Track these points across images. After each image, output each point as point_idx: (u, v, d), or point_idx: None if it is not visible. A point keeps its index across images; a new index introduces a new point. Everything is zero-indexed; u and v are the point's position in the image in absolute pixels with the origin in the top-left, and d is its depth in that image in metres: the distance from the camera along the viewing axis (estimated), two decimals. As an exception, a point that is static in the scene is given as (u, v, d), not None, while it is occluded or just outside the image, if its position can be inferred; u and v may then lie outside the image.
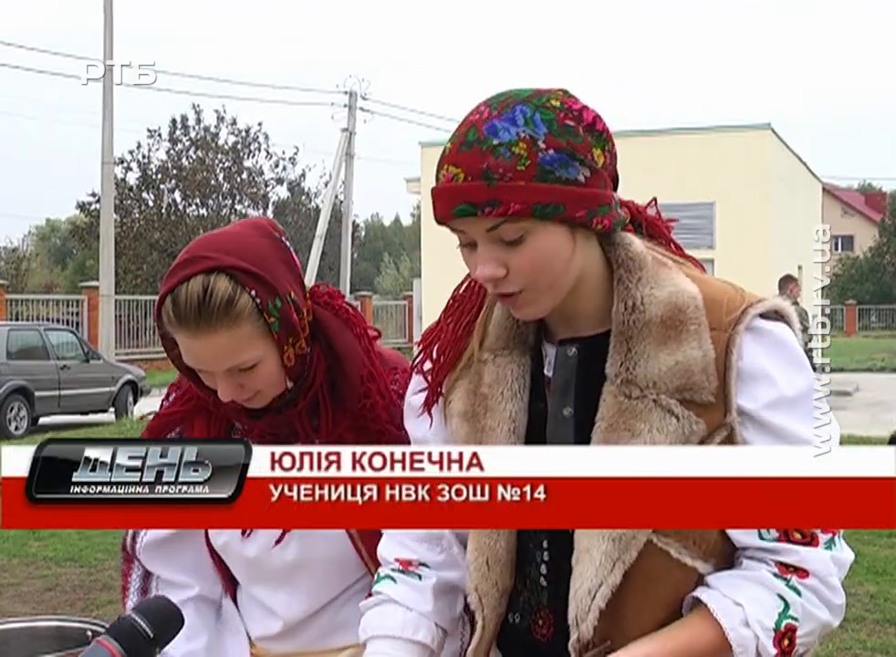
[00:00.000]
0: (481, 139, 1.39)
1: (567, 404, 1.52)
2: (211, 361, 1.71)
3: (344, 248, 31.01)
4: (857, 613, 5.68)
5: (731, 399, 1.44)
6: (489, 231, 1.41)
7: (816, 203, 25.71)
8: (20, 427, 15.91)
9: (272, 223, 1.82)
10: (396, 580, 1.65)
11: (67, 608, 6.07)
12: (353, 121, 29.42)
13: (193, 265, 1.69)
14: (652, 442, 1.43)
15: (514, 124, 1.40)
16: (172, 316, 1.69)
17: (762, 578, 1.45)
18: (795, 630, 1.43)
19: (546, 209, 1.39)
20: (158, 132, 38.14)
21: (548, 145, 1.39)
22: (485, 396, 1.56)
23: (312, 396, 1.81)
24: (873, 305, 47.96)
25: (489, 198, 1.38)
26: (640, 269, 1.49)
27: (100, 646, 1.27)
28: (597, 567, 1.45)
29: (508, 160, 1.38)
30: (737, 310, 1.47)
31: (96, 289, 23.82)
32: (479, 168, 1.38)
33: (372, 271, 60.09)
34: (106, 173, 22.87)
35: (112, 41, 21.60)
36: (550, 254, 1.42)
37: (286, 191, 41.14)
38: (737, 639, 1.42)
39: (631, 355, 1.46)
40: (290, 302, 1.72)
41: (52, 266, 56.09)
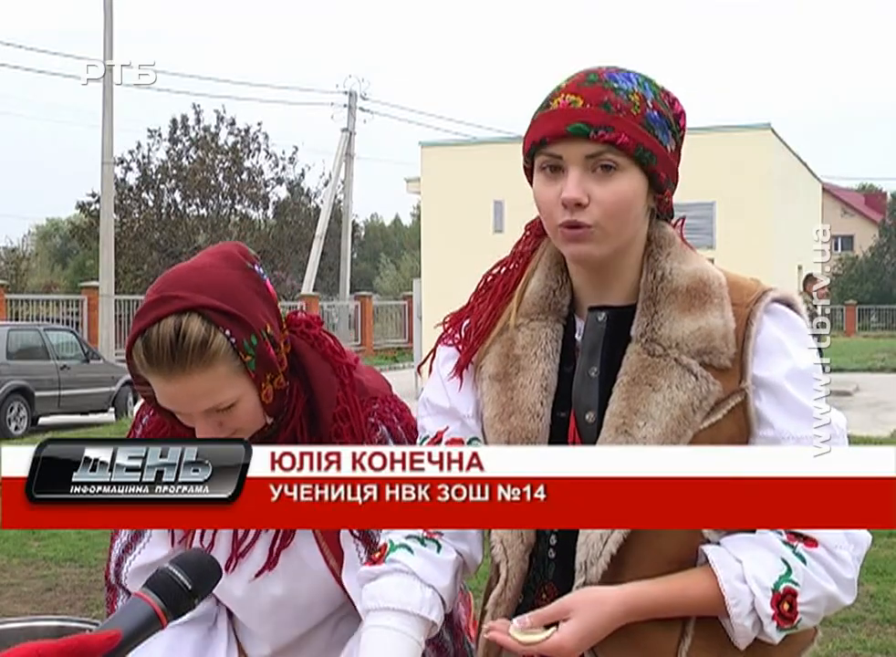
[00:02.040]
0: (602, 79, 1.55)
1: (594, 365, 1.60)
2: (186, 403, 1.66)
3: (344, 248, 31.04)
4: (857, 613, 5.67)
5: (747, 367, 1.53)
6: (588, 157, 1.52)
7: (816, 203, 25.71)
8: (20, 427, 15.91)
9: (242, 250, 1.75)
10: (413, 551, 1.62)
11: (67, 608, 6.06)
12: (353, 121, 29.45)
13: (164, 306, 1.63)
14: (671, 397, 1.52)
15: (629, 81, 1.56)
16: (144, 359, 1.64)
17: (768, 541, 1.50)
18: (795, 595, 1.47)
19: (646, 153, 1.53)
20: (158, 132, 38.13)
21: (654, 107, 1.56)
22: (518, 357, 1.64)
23: (291, 430, 1.77)
24: (873, 305, 47.93)
25: (605, 123, 1.51)
26: (669, 246, 1.61)
27: (140, 599, 1.25)
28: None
29: (626, 100, 1.53)
30: (757, 292, 1.58)
31: (96, 289, 23.82)
32: (600, 98, 1.52)
33: (372, 271, 60.06)
34: (106, 173, 22.88)
35: (112, 41, 21.62)
36: (629, 198, 1.54)
37: (286, 191, 41.10)
38: (731, 591, 1.47)
39: (658, 317, 1.57)
40: (266, 338, 1.68)
41: (52, 266, 56.06)
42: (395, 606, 1.58)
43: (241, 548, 1.83)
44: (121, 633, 1.19)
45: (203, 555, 1.37)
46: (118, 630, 1.19)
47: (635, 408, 1.53)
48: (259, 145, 39.47)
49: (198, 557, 1.34)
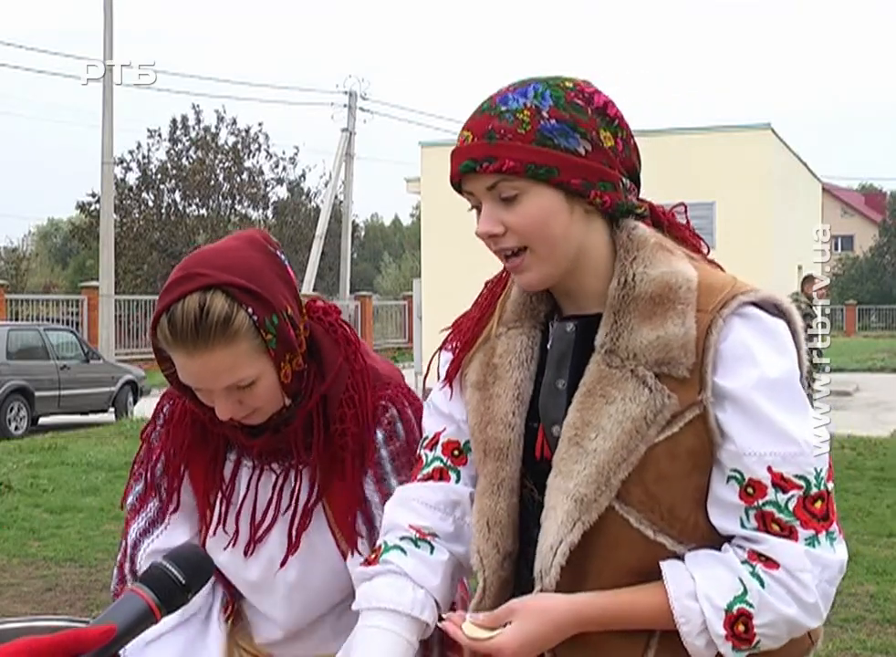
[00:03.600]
0: (492, 106, 1.53)
1: (562, 377, 1.57)
2: (208, 380, 1.68)
3: (344, 248, 31.02)
4: (857, 613, 5.68)
5: (706, 378, 1.47)
6: (489, 189, 1.52)
7: (816, 203, 25.69)
8: (20, 427, 15.91)
9: (266, 236, 1.79)
10: (406, 551, 1.64)
11: (67, 608, 6.06)
12: (353, 121, 29.44)
13: (189, 283, 1.65)
14: (624, 410, 1.48)
15: (524, 96, 1.52)
16: (168, 334, 1.66)
17: (728, 559, 1.47)
18: (750, 616, 1.44)
19: (540, 170, 1.49)
20: (158, 132, 38.17)
21: (551, 115, 1.50)
22: (496, 366, 1.63)
23: (307, 413, 1.79)
24: (873, 305, 47.92)
25: (487, 154, 1.50)
26: (637, 249, 1.54)
27: (134, 594, 1.25)
28: (559, 524, 1.49)
29: (511, 123, 1.50)
30: (724, 296, 1.49)
31: (96, 289, 23.82)
32: (484, 129, 1.51)
33: (372, 271, 60.05)
34: (106, 173, 22.88)
35: (112, 41, 21.62)
36: (544, 215, 1.51)
37: (286, 191, 41.14)
38: (681, 609, 1.44)
39: (616, 327, 1.51)
40: (287, 318, 1.70)
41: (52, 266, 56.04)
42: (386, 606, 1.59)
43: (259, 533, 1.86)
44: (116, 627, 1.20)
45: (196, 550, 1.38)
46: (112, 625, 1.20)
47: (587, 420, 1.50)
48: (259, 145, 39.50)
49: (191, 553, 1.35)
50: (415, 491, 1.69)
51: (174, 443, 1.90)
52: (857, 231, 58.29)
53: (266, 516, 1.86)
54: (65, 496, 9.46)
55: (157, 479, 1.93)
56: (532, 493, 1.60)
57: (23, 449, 12.47)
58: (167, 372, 1.76)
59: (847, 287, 49.30)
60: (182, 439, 1.89)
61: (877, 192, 64.09)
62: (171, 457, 1.91)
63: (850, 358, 25.92)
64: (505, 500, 1.59)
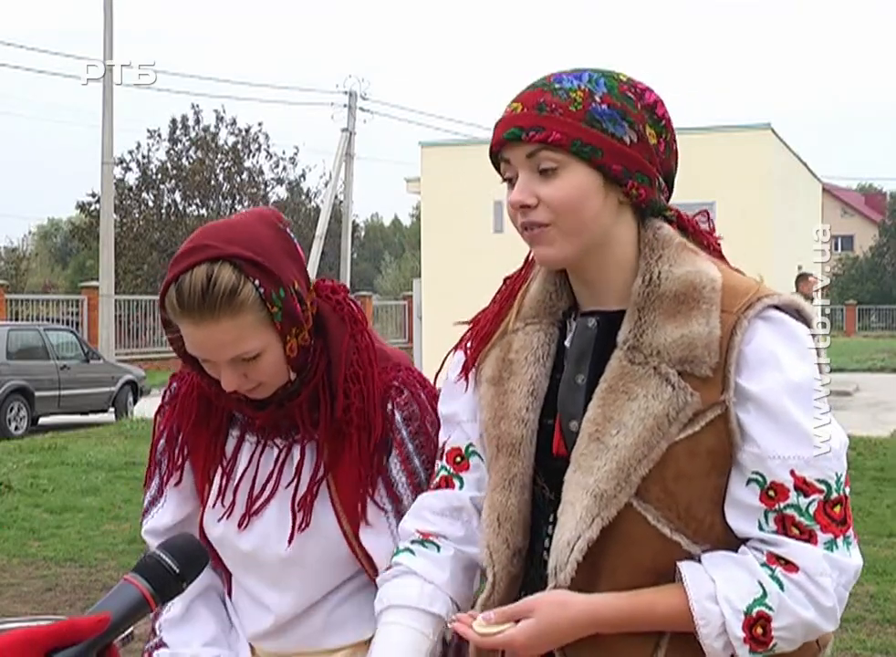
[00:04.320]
0: (546, 83, 1.55)
1: (581, 372, 1.58)
2: (214, 351, 1.71)
3: (344, 248, 31.00)
4: (857, 613, 5.68)
5: (729, 378, 1.47)
6: (529, 157, 1.52)
7: (816, 203, 25.68)
8: (20, 427, 15.91)
9: (276, 214, 1.82)
10: (415, 552, 1.68)
11: (67, 608, 6.06)
12: (353, 121, 29.42)
13: (197, 254, 1.69)
14: (646, 407, 1.48)
15: (578, 79, 1.55)
16: (176, 304, 1.69)
17: (747, 562, 1.47)
18: (769, 619, 1.44)
19: (585, 148, 1.50)
20: (158, 132, 38.16)
21: (603, 100, 1.53)
22: (511, 361, 1.63)
23: (313, 389, 1.81)
24: (873, 305, 47.92)
25: (535, 124, 1.51)
26: (662, 248, 1.55)
27: (128, 584, 1.26)
28: (577, 520, 1.49)
29: (563, 99, 1.52)
30: (750, 298, 1.51)
31: (96, 289, 23.80)
32: (535, 101, 1.53)
33: (372, 271, 60.06)
34: (106, 173, 22.86)
35: (112, 41, 21.60)
36: (580, 195, 1.52)
37: (286, 191, 41.12)
38: (701, 611, 1.44)
39: (641, 323, 1.52)
40: (294, 293, 1.73)
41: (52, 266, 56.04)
42: (395, 603, 1.63)
43: (255, 506, 1.87)
44: (111, 617, 1.20)
45: (190, 539, 1.39)
46: (107, 614, 1.20)
47: (609, 415, 1.50)
48: (259, 145, 39.50)
49: (186, 542, 1.36)
50: (424, 500, 1.73)
51: (178, 417, 1.93)
52: (857, 231, 58.29)
53: (265, 490, 1.87)
54: (65, 496, 9.46)
55: (158, 455, 1.96)
56: (543, 490, 1.61)
57: (23, 449, 12.48)
58: (175, 345, 1.79)
59: (847, 287, 49.29)
60: (188, 414, 1.91)
61: (877, 193, 64.09)
62: (174, 433, 1.93)
63: (850, 358, 25.93)
64: (516, 496, 1.59)
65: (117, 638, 1.23)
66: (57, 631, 1.15)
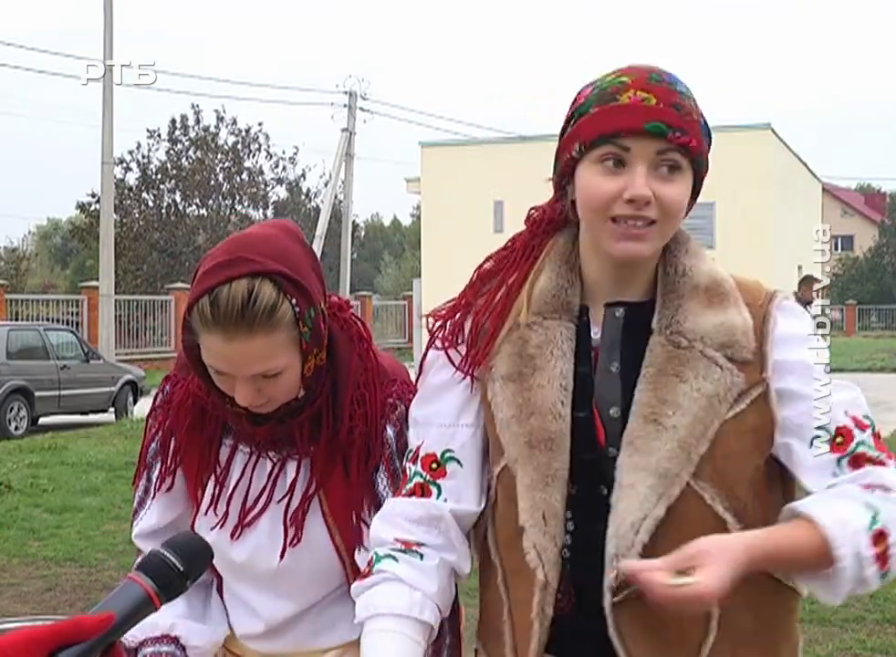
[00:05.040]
0: (666, 80, 1.56)
1: (615, 360, 1.62)
2: (240, 366, 1.68)
3: (344, 248, 31.00)
4: (857, 613, 5.67)
5: (767, 359, 1.57)
6: (658, 153, 1.53)
7: (816, 203, 25.70)
8: (20, 427, 15.90)
9: (297, 227, 1.80)
10: (398, 559, 1.64)
11: (67, 608, 6.06)
12: (353, 121, 29.42)
13: (238, 267, 1.65)
14: (698, 387, 1.54)
15: (682, 85, 1.58)
16: (210, 316, 1.64)
17: (848, 491, 1.52)
18: (886, 536, 1.48)
19: (702, 160, 1.58)
20: (158, 132, 38.15)
21: (701, 115, 1.59)
22: (533, 356, 1.62)
23: (316, 408, 1.80)
24: (873, 305, 47.92)
25: (680, 125, 1.53)
26: (686, 243, 1.64)
27: (133, 582, 1.25)
28: (641, 500, 1.51)
29: (690, 105, 1.56)
30: (768, 292, 1.64)
31: (96, 289, 23.79)
32: (671, 100, 1.54)
33: (372, 271, 60.07)
34: (106, 173, 22.85)
35: (112, 41, 21.58)
36: (685, 200, 1.57)
37: (286, 191, 41.14)
38: (834, 536, 1.46)
39: (682, 310, 1.59)
40: (321, 312, 1.72)
41: (52, 266, 56.06)
42: (386, 611, 1.59)
43: (248, 518, 1.86)
44: (115, 616, 1.20)
45: (194, 537, 1.38)
46: (111, 613, 1.20)
47: (663, 398, 1.54)
48: (259, 145, 39.51)
49: (189, 540, 1.35)
50: (399, 507, 1.68)
51: (172, 424, 1.90)
52: (857, 231, 58.30)
53: (258, 503, 1.85)
54: (65, 496, 9.46)
55: (150, 459, 1.93)
56: (566, 486, 1.59)
57: (23, 449, 12.47)
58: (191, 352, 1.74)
59: (847, 287, 49.28)
60: (182, 421, 1.89)
61: (877, 193, 64.09)
62: (167, 438, 1.91)
63: (850, 358, 25.90)
64: (559, 492, 1.58)
65: (121, 637, 1.23)
66: (61, 630, 1.15)
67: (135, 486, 1.98)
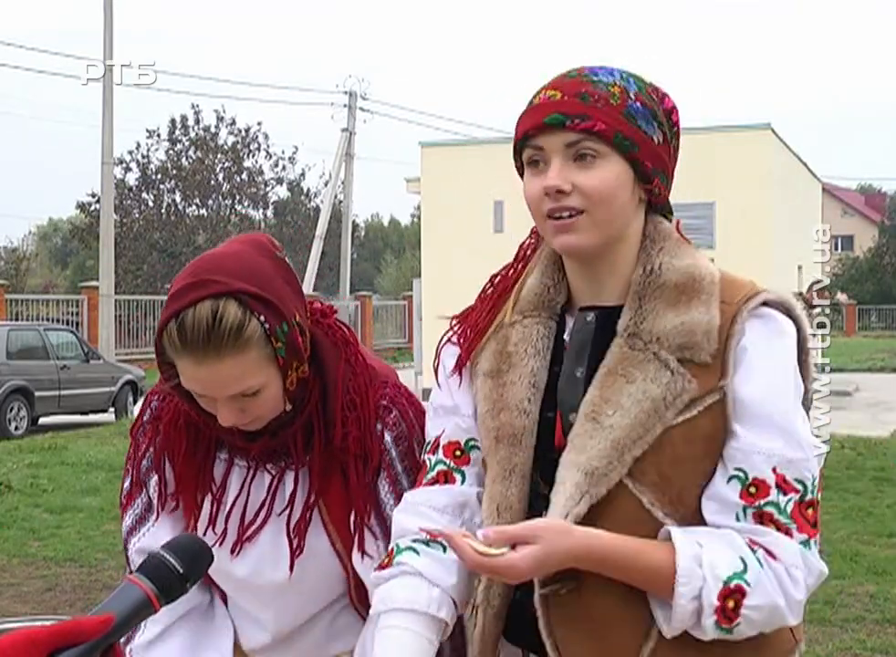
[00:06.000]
0: (582, 74, 1.58)
1: (581, 365, 1.60)
2: (215, 388, 1.66)
3: (344, 248, 31.00)
4: (857, 613, 5.68)
5: (728, 366, 1.51)
6: (568, 146, 1.53)
7: (816, 202, 25.68)
8: (20, 427, 15.90)
9: (270, 239, 1.77)
10: (419, 552, 1.64)
11: (67, 608, 6.06)
12: (353, 121, 29.42)
13: (201, 289, 1.62)
14: (644, 390, 1.51)
15: (611, 75, 1.58)
16: (178, 341, 1.62)
17: (731, 538, 1.48)
18: (744, 594, 1.45)
19: (626, 141, 1.54)
20: (157, 132, 38.14)
21: (636, 98, 1.56)
22: (510, 354, 1.64)
23: (307, 417, 1.79)
24: (873, 305, 47.89)
25: (581, 112, 1.53)
26: (663, 240, 1.60)
27: (132, 584, 1.24)
28: (566, 497, 1.50)
29: (603, 91, 1.55)
30: (749, 291, 1.56)
31: (96, 289, 23.80)
32: (577, 90, 1.55)
33: (372, 271, 60.02)
34: (106, 173, 22.86)
35: (112, 41, 21.57)
36: (615, 185, 1.54)
37: (286, 191, 41.12)
38: (685, 568, 1.44)
39: (642, 311, 1.55)
40: (296, 325, 1.69)
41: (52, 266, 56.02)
42: (403, 606, 1.59)
43: (248, 533, 1.84)
44: (114, 617, 1.19)
45: (194, 539, 1.37)
46: (111, 615, 1.19)
47: (606, 397, 1.52)
48: (259, 145, 39.48)
49: (190, 542, 1.34)
50: (422, 495, 1.69)
51: (166, 445, 1.87)
52: (857, 231, 58.25)
53: (258, 517, 1.84)
54: (65, 496, 9.46)
55: (143, 476, 1.91)
56: (537, 485, 1.61)
57: (23, 449, 12.47)
58: (167, 376, 1.72)
59: (847, 288, 49.23)
60: (178, 444, 1.86)
61: (877, 193, 64.06)
62: (161, 460, 1.88)
63: (850, 358, 25.91)
64: (516, 486, 1.60)
65: (121, 639, 1.23)
66: (60, 632, 1.15)
67: (127, 504, 1.94)
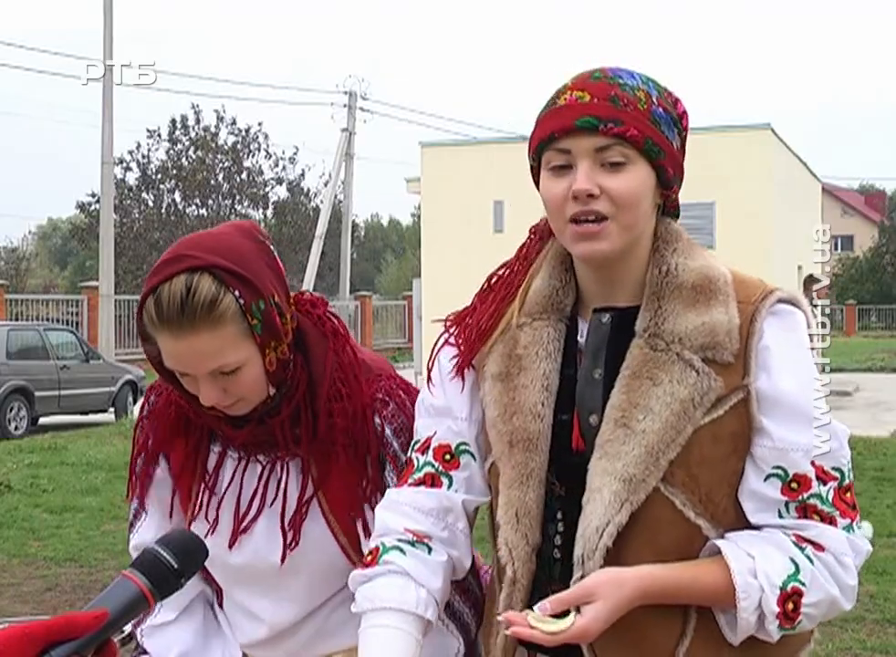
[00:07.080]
0: (608, 76, 1.55)
1: (598, 367, 1.59)
2: (192, 364, 1.67)
3: (344, 248, 31.00)
4: (857, 613, 5.67)
5: (750, 364, 1.52)
6: (598, 151, 1.52)
7: (816, 203, 25.68)
8: (20, 427, 15.90)
9: (256, 226, 1.79)
10: (405, 552, 1.64)
11: (67, 608, 6.05)
12: (353, 121, 29.42)
13: (177, 264, 1.66)
14: (672, 392, 1.51)
15: (634, 78, 1.56)
16: (154, 315, 1.65)
17: (778, 540, 1.50)
18: (801, 595, 1.48)
19: (654, 147, 1.53)
20: (157, 132, 38.11)
21: (659, 104, 1.55)
22: (520, 357, 1.63)
23: (295, 405, 1.78)
24: (873, 305, 47.89)
25: (613, 116, 1.51)
26: (676, 241, 1.60)
27: (127, 579, 1.25)
28: (606, 505, 1.50)
29: (632, 96, 1.53)
30: (763, 290, 1.57)
31: (96, 289, 23.78)
32: (607, 93, 1.53)
33: (372, 271, 60.04)
34: (106, 173, 22.84)
35: (112, 41, 21.57)
36: (640, 191, 1.54)
37: (286, 191, 41.06)
38: (742, 585, 1.46)
39: (661, 312, 1.55)
40: (273, 305, 1.70)
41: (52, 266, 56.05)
42: (392, 605, 1.59)
43: (243, 525, 1.85)
44: (108, 613, 1.20)
45: (188, 534, 1.37)
46: (105, 610, 1.20)
47: (635, 401, 1.52)
48: (259, 145, 39.45)
49: (184, 537, 1.35)
50: (407, 496, 1.68)
51: (155, 434, 1.89)
52: (857, 231, 58.24)
53: (251, 508, 1.84)
54: (65, 496, 9.45)
55: (138, 470, 1.93)
56: (553, 487, 1.60)
57: (23, 449, 12.47)
58: (153, 359, 1.74)
59: (847, 287, 49.24)
60: (164, 429, 1.88)
61: (877, 193, 64.05)
62: (151, 449, 1.90)
63: (850, 358, 25.90)
64: (534, 491, 1.59)
65: (115, 634, 1.23)
66: (55, 626, 1.15)
67: (128, 498, 1.97)
